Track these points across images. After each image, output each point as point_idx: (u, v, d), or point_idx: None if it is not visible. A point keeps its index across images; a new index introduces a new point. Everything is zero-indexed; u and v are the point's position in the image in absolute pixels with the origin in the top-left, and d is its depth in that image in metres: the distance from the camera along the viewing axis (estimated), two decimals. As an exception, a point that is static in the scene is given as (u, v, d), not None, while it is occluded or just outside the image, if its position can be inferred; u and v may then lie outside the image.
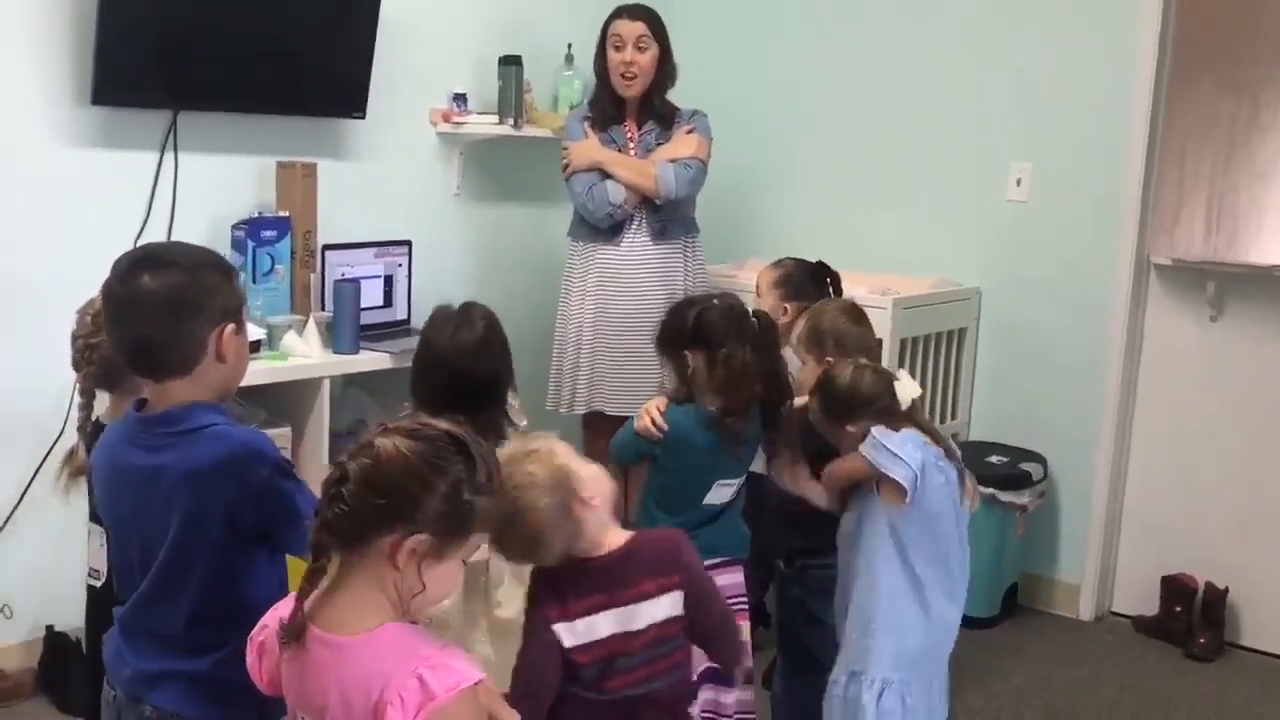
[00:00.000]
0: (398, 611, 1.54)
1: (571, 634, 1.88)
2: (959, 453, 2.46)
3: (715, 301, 2.56)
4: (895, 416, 2.35)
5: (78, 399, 2.23)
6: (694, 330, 2.53)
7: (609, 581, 1.89)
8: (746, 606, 2.52)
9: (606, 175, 3.59)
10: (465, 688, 1.49)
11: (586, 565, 1.89)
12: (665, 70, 3.63)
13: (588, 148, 3.63)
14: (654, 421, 2.54)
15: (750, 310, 2.62)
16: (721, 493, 2.53)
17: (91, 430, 2.22)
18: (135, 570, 1.83)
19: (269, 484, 1.75)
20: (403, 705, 1.46)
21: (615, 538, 1.92)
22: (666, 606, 1.92)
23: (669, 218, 3.64)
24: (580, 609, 1.88)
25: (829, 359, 2.72)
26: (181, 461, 1.74)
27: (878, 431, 2.33)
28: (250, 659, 1.63)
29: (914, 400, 2.37)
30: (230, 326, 1.79)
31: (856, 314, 2.80)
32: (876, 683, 2.36)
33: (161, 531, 1.77)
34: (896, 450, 2.30)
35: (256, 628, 1.64)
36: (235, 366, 1.84)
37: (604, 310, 3.62)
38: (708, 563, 2.37)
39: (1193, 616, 3.77)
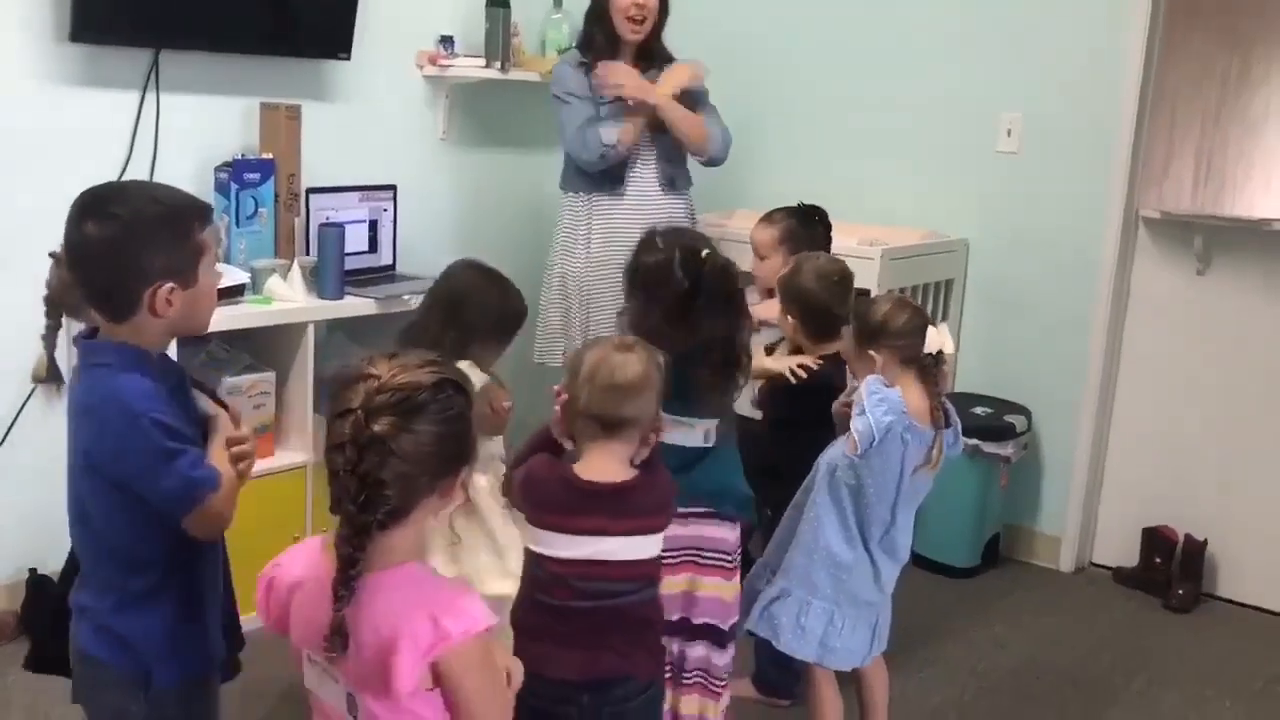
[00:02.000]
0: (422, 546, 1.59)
1: (549, 545, 1.97)
2: (953, 418, 2.47)
3: (660, 251, 2.46)
4: (913, 362, 2.37)
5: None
6: (630, 271, 2.51)
7: (609, 508, 1.96)
8: (737, 564, 2.51)
9: (598, 117, 3.50)
10: (478, 631, 1.51)
11: (589, 488, 1.96)
12: (664, 12, 3.57)
13: (639, 84, 3.48)
14: None
15: (708, 260, 2.51)
16: (676, 433, 2.39)
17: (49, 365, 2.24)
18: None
19: (121, 437, 1.71)
20: (414, 646, 1.47)
21: (625, 472, 2.01)
22: (654, 544, 2.02)
23: (678, 169, 3.59)
24: (569, 526, 1.96)
25: (789, 316, 2.75)
26: (74, 394, 1.78)
27: (873, 379, 2.36)
28: (259, 594, 1.62)
29: (939, 354, 2.36)
30: (167, 286, 1.73)
31: (836, 282, 2.79)
32: (793, 598, 2.48)
33: (71, 459, 1.80)
34: (870, 406, 2.31)
35: (269, 565, 1.62)
36: (184, 318, 1.79)
37: (606, 264, 3.52)
38: (695, 510, 2.39)
39: (1172, 568, 3.81)
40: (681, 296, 2.41)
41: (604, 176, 3.55)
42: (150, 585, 1.79)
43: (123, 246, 1.72)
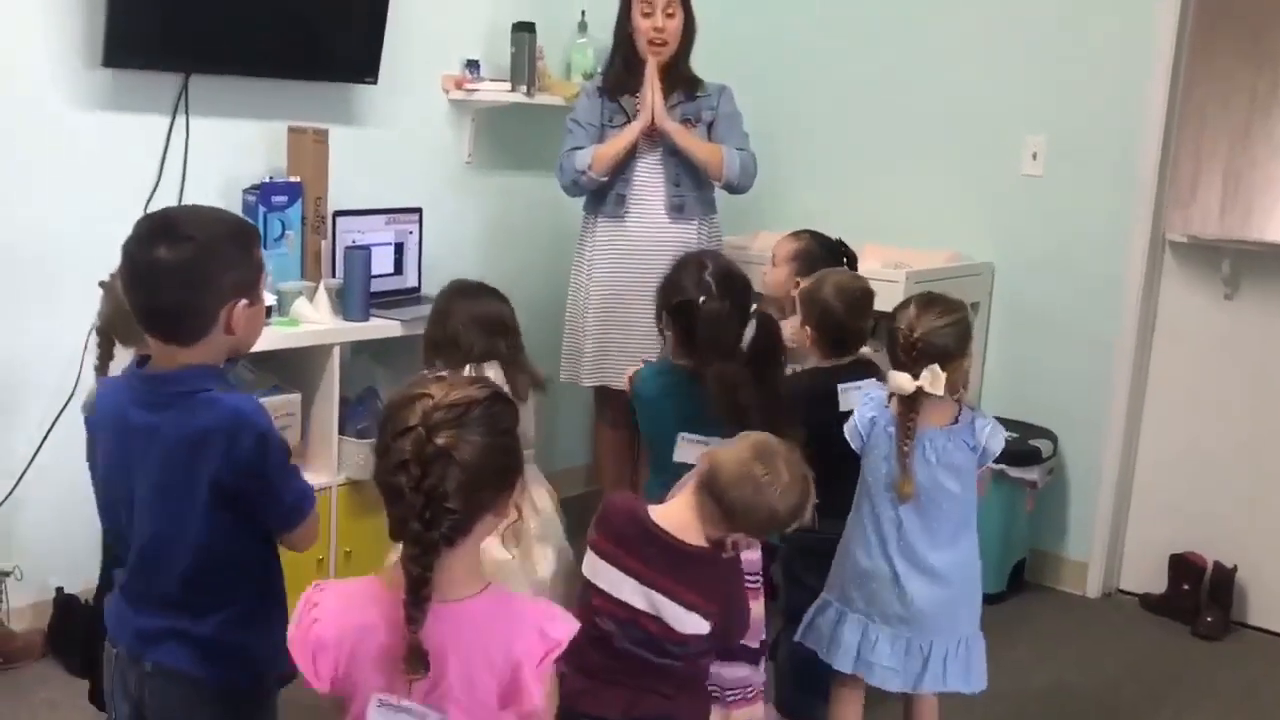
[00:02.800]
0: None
1: (602, 577, 1.96)
2: (969, 421, 2.44)
3: (710, 292, 2.52)
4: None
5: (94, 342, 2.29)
6: (676, 310, 2.56)
7: (665, 564, 1.96)
8: (761, 583, 2.52)
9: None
10: (574, 635, 1.58)
11: (657, 534, 1.97)
12: (689, 35, 3.58)
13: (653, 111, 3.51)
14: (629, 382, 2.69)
15: (753, 309, 2.59)
16: (687, 450, 2.47)
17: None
18: (125, 529, 1.84)
19: (251, 453, 1.74)
20: (532, 660, 1.53)
21: (699, 538, 2.00)
22: (694, 624, 1.96)
23: (688, 194, 3.59)
24: (620, 563, 1.96)
25: (807, 326, 2.75)
26: (175, 424, 1.76)
27: (868, 382, 2.50)
28: (303, 659, 1.57)
29: (918, 390, 2.33)
30: (242, 302, 1.78)
31: (855, 300, 2.78)
32: (832, 608, 2.51)
33: (152, 492, 1.78)
34: (856, 407, 2.43)
35: (299, 629, 1.57)
36: (245, 337, 1.84)
37: (610, 284, 3.59)
38: None
39: (1200, 595, 3.77)
40: (734, 348, 2.49)
41: (606, 200, 3.57)
42: (258, 596, 1.84)
43: (202, 265, 1.74)
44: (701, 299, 2.50)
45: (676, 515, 2.00)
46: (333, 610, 1.58)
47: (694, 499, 1.99)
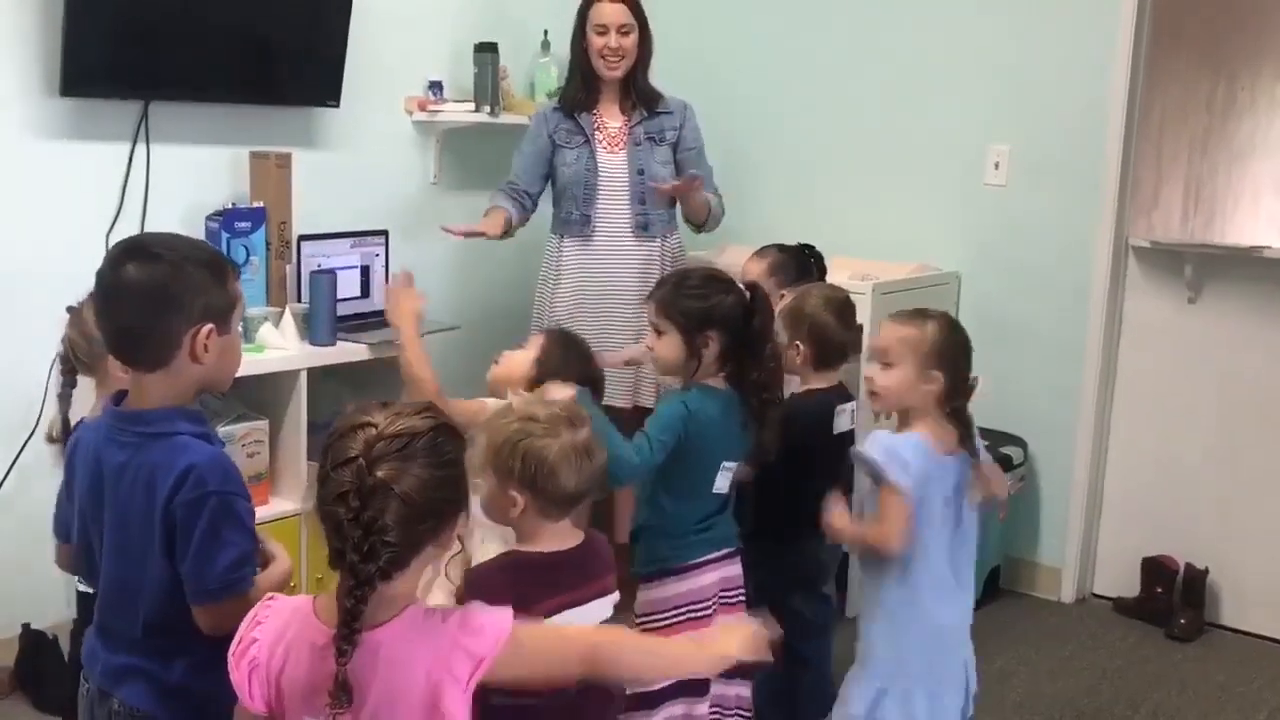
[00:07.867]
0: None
1: None
2: (978, 447, 2.44)
3: (739, 293, 2.53)
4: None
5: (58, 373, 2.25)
6: (732, 314, 2.48)
7: (578, 577, 1.92)
8: (744, 598, 2.52)
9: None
10: (507, 636, 1.51)
11: (555, 558, 1.91)
12: (646, 50, 3.59)
13: None
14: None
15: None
16: (725, 478, 2.49)
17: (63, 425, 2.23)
18: (98, 566, 1.82)
19: (187, 507, 1.69)
20: (456, 681, 1.48)
21: (572, 535, 1.96)
22: (608, 605, 1.97)
23: (652, 211, 3.59)
24: (548, 608, 1.87)
25: (798, 343, 2.72)
26: (139, 463, 1.72)
27: (885, 435, 2.29)
28: (238, 678, 1.56)
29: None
30: (208, 328, 1.73)
31: (842, 309, 2.78)
32: (891, 695, 2.31)
33: (117, 531, 1.76)
34: (909, 458, 2.24)
35: (240, 646, 1.57)
36: (216, 367, 1.78)
37: (576, 303, 3.57)
38: (716, 554, 2.43)
39: (1173, 597, 3.79)
40: (753, 339, 2.48)
41: (572, 220, 3.57)
42: (218, 641, 1.76)
43: (168, 285, 1.70)
44: (747, 288, 2.51)
45: (547, 537, 1.93)
46: (270, 630, 1.56)
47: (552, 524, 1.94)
